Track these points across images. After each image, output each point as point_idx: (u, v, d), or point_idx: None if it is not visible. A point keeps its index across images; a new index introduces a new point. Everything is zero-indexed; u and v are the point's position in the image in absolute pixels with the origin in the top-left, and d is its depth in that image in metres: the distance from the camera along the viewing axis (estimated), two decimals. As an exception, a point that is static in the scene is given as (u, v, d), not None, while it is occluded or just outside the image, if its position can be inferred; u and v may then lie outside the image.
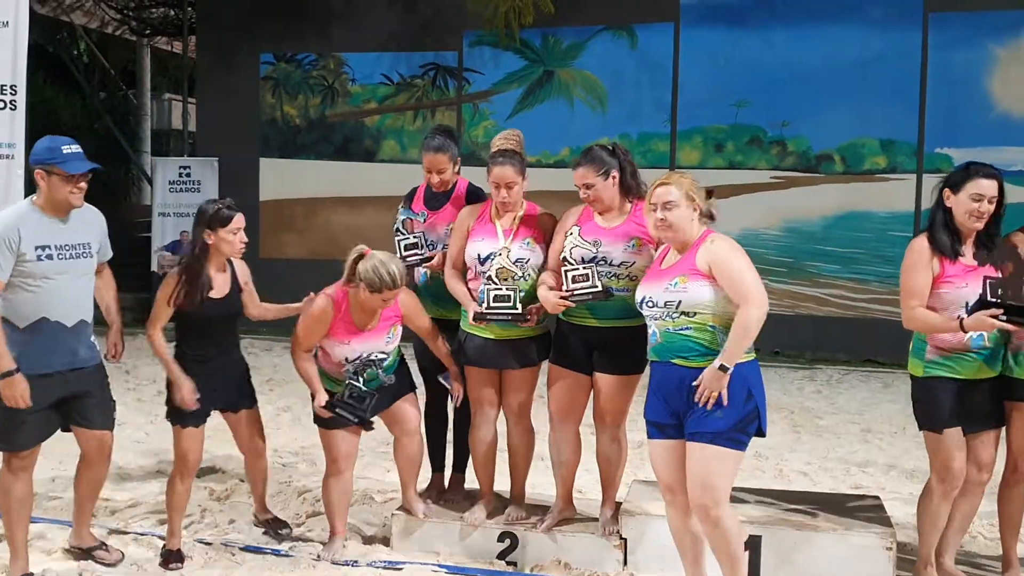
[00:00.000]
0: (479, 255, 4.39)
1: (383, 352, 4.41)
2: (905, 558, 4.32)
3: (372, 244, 4.52)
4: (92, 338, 4.24)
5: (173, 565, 4.41)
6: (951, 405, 3.95)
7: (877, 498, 4.77)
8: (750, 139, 11.55)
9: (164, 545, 4.53)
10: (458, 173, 4.83)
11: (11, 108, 5.41)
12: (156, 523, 4.89)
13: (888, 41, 11.01)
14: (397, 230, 4.76)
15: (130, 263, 11.24)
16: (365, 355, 4.36)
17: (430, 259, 4.67)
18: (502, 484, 4.73)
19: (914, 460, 6.66)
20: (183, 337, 4.43)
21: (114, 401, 4.38)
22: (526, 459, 4.63)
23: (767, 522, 4.26)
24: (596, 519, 4.51)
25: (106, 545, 4.52)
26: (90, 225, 4.26)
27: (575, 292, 4.11)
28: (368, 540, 4.78)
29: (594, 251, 4.17)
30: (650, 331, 3.80)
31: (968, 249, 3.95)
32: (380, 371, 4.41)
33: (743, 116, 11.53)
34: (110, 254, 4.41)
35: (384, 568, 4.39)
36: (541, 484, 5.02)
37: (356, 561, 4.46)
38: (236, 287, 4.48)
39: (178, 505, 4.50)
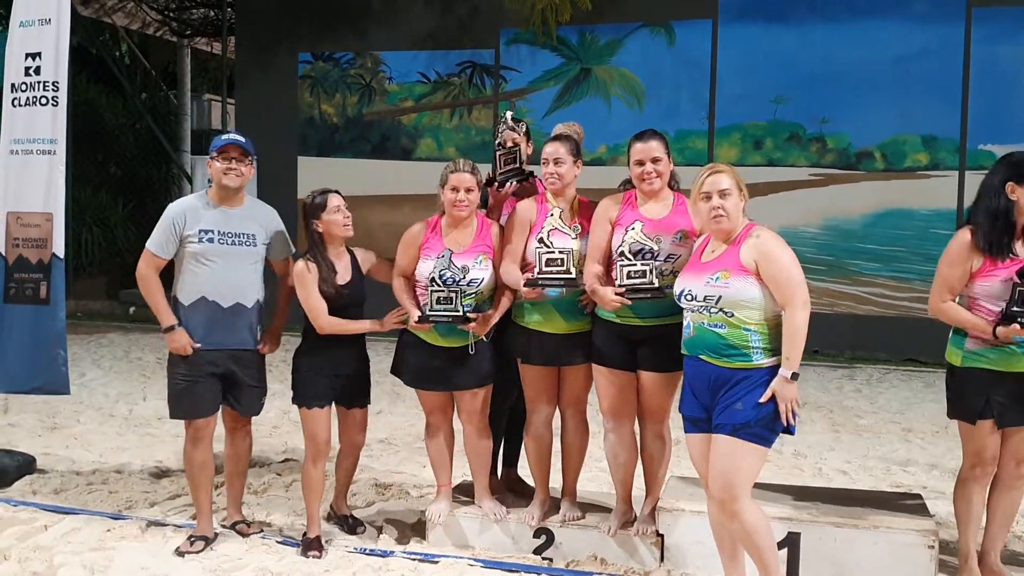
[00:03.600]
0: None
1: (472, 274, 4.34)
2: (947, 560, 4.25)
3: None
4: (256, 325, 4.54)
5: (311, 553, 4.42)
6: (988, 396, 3.91)
7: (919, 496, 4.69)
8: (789, 136, 11.44)
9: (304, 533, 4.57)
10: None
11: (53, 104, 5.46)
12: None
13: (930, 36, 10.85)
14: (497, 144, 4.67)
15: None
16: (444, 278, 4.31)
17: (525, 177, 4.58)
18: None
19: (956, 460, 6.46)
20: (311, 326, 4.48)
21: (265, 388, 4.67)
22: (580, 456, 4.60)
23: (806, 519, 4.19)
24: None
25: (246, 520, 4.75)
26: (260, 220, 4.56)
27: (629, 289, 4.03)
28: (403, 533, 4.78)
29: (655, 247, 4.06)
30: (685, 323, 3.79)
31: (1020, 246, 3.87)
32: (457, 304, 4.28)
33: (782, 113, 11.42)
34: (287, 252, 4.65)
35: (420, 560, 4.38)
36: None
37: (392, 552, 4.47)
38: (358, 274, 4.57)
39: (314, 490, 4.54)
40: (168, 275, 4.55)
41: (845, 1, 11.11)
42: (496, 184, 4.61)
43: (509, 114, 4.73)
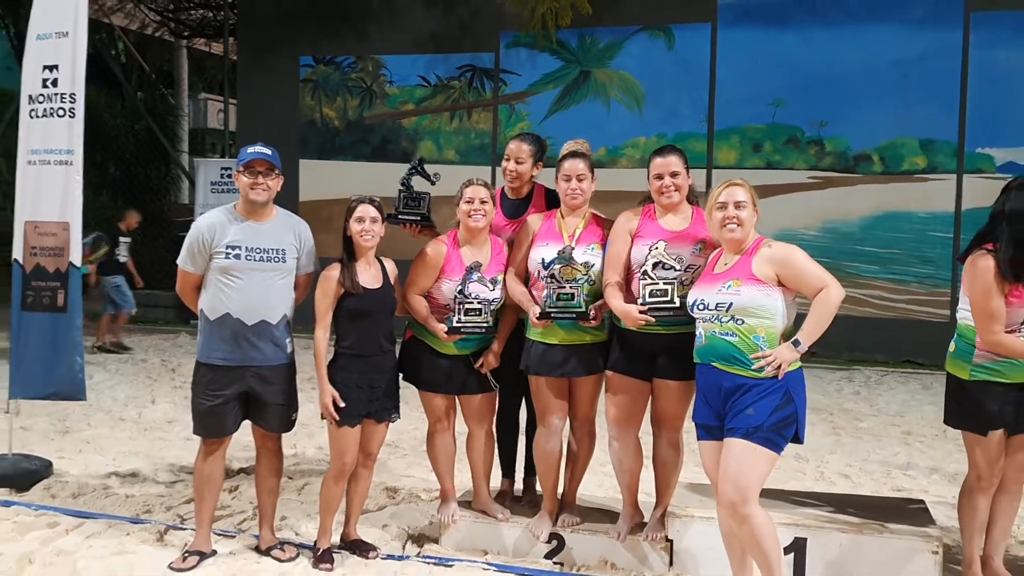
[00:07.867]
0: (543, 260, 4.38)
1: (489, 297, 4.50)
2: (952, 567, 4.34)
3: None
4: (284, 339, 4.47)
5: (323, 566, 4.43)
6: (998, 408, 3.99)
7: (922, 502, 4.78)
8: (788, 139, 11.55)
9: (315, 543, 4.57)
10: (534, 177, 4.86)
11: (70, 116, 5.53)
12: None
13: (929, 40, 10.99)
14: (403, 183, 4.83)
15: (173, 259, 11.38)
16: (472, 293, 4.47)
17: (430, 224, 4.81)
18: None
19: (956, 464, 6.65)
20: (344, 333, 4.47)
21: (295, 404, 4.59)
22: (584, 466, 4.68)
23: (812, 525, 4.28)
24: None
25: (283, 545, 4.62)
26: (291, 235, 4.52)
27: (652, 307, 4.09)
28: (417, 538, 4.86)
29: (676, 265, 4.13)
30: (697, 333, 3.90)
31: None
32: (486, 316, 4.50)
33: (781, 116, 11.53)
34: (311, 268, 4.62)
35: (435, 564, 4.46)
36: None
37: (407, 556, 4.56)
38: (388, 283, 4.55)
39: (332, 505, 4.53)
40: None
41: (844, 5, 11.23)
42: (389, 219, 4.69)
43: (424, 163, 4.95)
